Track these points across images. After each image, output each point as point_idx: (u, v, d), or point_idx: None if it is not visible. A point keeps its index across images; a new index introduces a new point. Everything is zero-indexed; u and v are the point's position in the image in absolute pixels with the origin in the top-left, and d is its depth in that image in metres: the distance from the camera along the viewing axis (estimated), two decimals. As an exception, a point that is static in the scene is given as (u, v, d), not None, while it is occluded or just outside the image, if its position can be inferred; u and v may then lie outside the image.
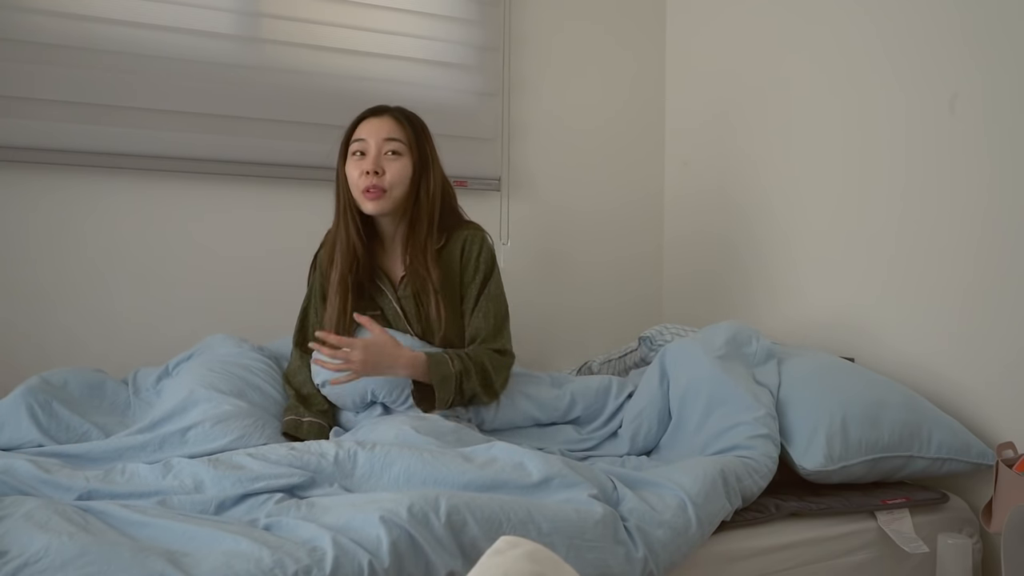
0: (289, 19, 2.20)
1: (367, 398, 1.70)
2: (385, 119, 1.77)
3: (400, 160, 1.74)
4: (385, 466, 1.34)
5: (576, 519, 1.23)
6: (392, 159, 1.74)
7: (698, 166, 2.59)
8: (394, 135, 1.75)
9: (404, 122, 1.77)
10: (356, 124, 1.79)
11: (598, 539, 1.23)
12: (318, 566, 1.06)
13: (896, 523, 1.55)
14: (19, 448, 1.51)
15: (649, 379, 1.79)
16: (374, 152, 1.73)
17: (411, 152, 1.75)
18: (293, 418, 1.68)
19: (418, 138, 1.77)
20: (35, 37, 1.94)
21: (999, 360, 1.71)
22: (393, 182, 1.73)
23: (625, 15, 2.66)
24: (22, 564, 1.02)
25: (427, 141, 1.79)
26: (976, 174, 1.75)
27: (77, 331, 2.01)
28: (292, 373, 1.79)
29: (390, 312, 1.79)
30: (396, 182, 1.73)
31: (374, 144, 1.74)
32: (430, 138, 1.81)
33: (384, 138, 1.74)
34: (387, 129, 1.75)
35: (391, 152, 1.74)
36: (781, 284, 2.26)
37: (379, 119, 1.77)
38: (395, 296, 1.79)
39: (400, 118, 1.78)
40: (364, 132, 1.76)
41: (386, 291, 1.79)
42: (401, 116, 1.78)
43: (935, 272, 1.84)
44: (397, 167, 1.74)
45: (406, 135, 1.75)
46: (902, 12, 1.91)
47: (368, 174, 1.72)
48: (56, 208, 2.00)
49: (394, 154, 1.74)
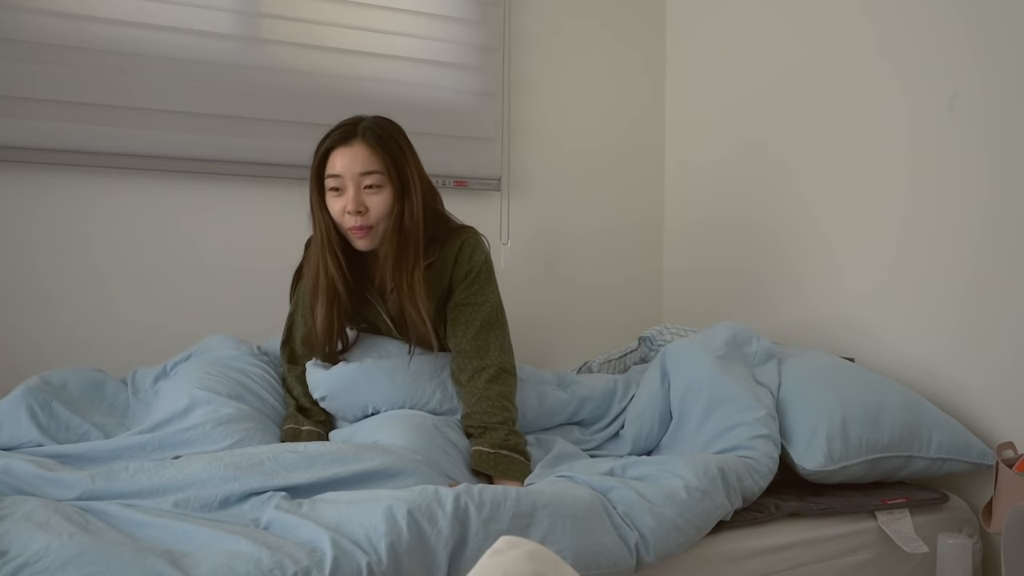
0: (289, 19, 2.20)
1: (367, 411, 1.69)
2: (358, 148, 1.61)
3: (381, 193, 1.62)
4: None
5: (570, 499, 1.27)
6: (372, 193, 1.62)
7: (698, 166, 2.59)
8: (370, 167, 1.61)
9: (377, 147, 1.62)
10: (326, 154, 1.64)
11: (591, 517, 1.26)
12: (317, 567, 1.06)
13: (896, 523, 1.55)
14: (19, 448, 1.50)
15: (650, 380, 1.79)
16: (352, 190, 1.61)
17: (390, 181, 1.63)
18: (292, 427, 1.67)
19: (395, 161, 1.63)
20: (35, 37, 1.94)
21: (999, 360, 1.71)
22: (378, 217, 1.62)
23: (625, 14, 2.66)
24: (22, 564, 1.02)
25: (405, 158, 1.65)
26: (976, 173, 1.75)
27: (77, 331, 2.01)
28: (289, 386, 1.78)
29: (380, 323, 1.77)
30: (380, 217, 1.63)
31: (350, 180, 1.61)
32: (408, 150, 1.67)
33: (359, 172, 1.60)
34: (361, 162, 1.60)
35: (370, 186, 1.61)
36: (781, 284, 2.26)
37: (351, 149, 1.61)
38: (384, 308, 1.74)
39: (373, 143, 1.62)
40: (338, 166, 1.61)
41: (375, 303, 1.75)
42: (373, 140, 1.62)
43: (935, 272, 1.84)
44: (378, 201, 1.62)
45: (383, 163, 1.62)
46: (901, 12, 1.91)
47: (351, 214, 1.61)
48: (56, 208, 2.00)
49: (373, 187, 1.61)
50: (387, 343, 1.76)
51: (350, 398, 1.68)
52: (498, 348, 1.69)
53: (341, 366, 1.70)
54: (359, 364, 1.69)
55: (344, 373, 1.69)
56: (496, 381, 1.64)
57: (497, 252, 2.42)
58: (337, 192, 1.63)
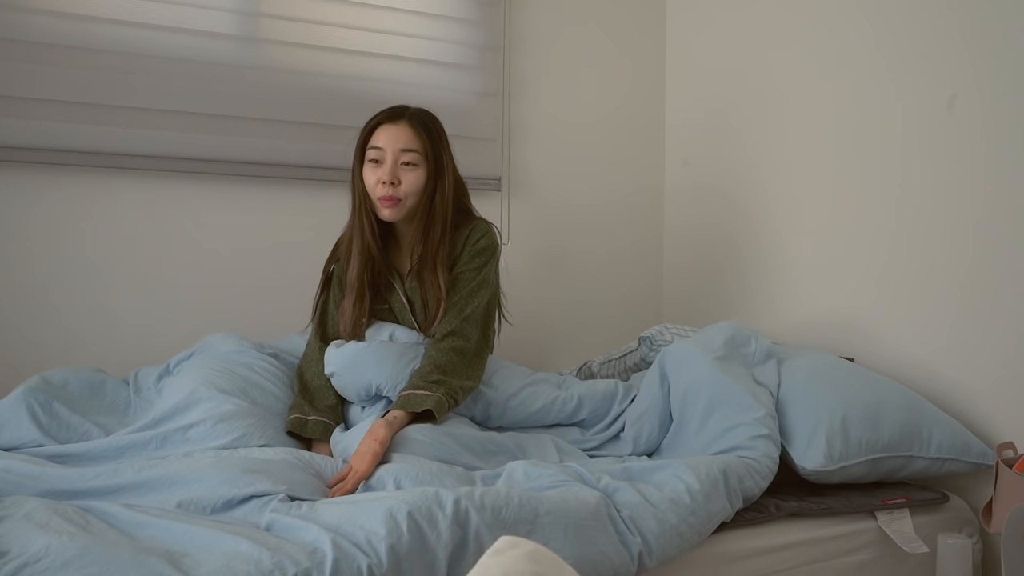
0: (289, 19, 2.20)
1: (371, 391, 1.71)
2: (402, 127, 1.77)
3: (415, 171, 1.76)
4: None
5: (574, 505, 1.26)
6: (408, 170, 1.75)
7: (697, 166, 2.59)
8: (410, 146, 1.75)
9: (421, 130, 1.77)
10: (373, 128, 1.79)
11: (594, 524, 1.25)
12: (318, 569, 1.06)
13: (896, 523, 1.56)
14: (20, 448, 1.51)
15: (649, 382, 1.79)
16: (390, 162, 1.74)
17: (426, 162, 1.77)
18: (298, 416, 1.68)
19: (434, 146, 1.78)
20: (35, 37, 1.94)
21: (999, 360, 1.71)
22: (408, 192, 1.75)
23: (625, 15, 2.66)
24: (22, 564, 1.02)
25: (443, 147, 1.81)
26: (974, 174, 1.75)
27: (77, 331, 2.01)
28: (307, 363, 1.80)
29: (397, 305, 1.82)
30: (411, 192, 1.76)
31: (390, 154, 1.75)
32: (446, 142, 1.83)
33: (400, 148, 1.75)
34: (404, 139, 1.75)
35: (407, 163, 1.75)
36: (781, 284, 2.26)
37: (396, 127, 1.77)
38: (402, 289, 1.82)
39: (417, 126, 1.78)
40: (381, 140, 1.76)
41: (395, 285, 1.83)
42: (418, 123, 1.78)
43: (935, 272, 1.84)
44: (412, 178, 1.76)
45: (422, 145, 1.76)
46: (900, 13, 1.91)
47: (384, 184, 1.74)
48: (56, 208, 2.00)
49: (410, 165, 1.75)
50: (398, 331, 1.80)
51: (354, 376, 1.71)
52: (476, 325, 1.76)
53: (352, 344, 1.75)
54: (368, 344, 1.75)
55: (354, 351, 1.73)
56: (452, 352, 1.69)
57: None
58: (376, 164, 1.76)
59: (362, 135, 1.80)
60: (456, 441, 1.55)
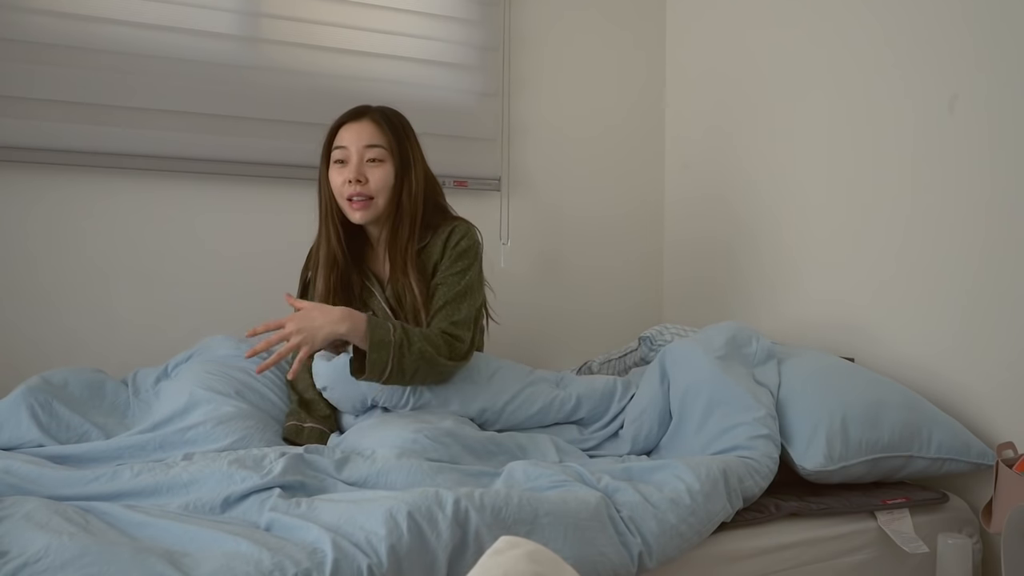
0: (289, 19, 2.20)
1: (367, 403, 1.70)
2: (365, 124, 1.75)
3: (382, 167, 1.74)
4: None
5: (574, 505, 1.26)
6: (374, 166, 1.74)
7: (698, 167, 2.59)
8: (375, 141, 1.74)
9: (384, 125, 1.76)
10: (336, 128, 1.78)
11: (594, 524, 1.25)
12: (318, 569, 1.06)
13: (896, 523, 1.55)
14: (19, 448, 1.50)
15: (649, 380, 1.79)
16: (355, 160, 1.73)
17: (392, 157, 1.75)
18: (294, 423, 1.68)
19: (399, 141, 1.76)
20: (35, 37, 1.94)
21: (1000, 360, 1.71)
22: (377, 189, 1.74)
23: (625, 14, 2.66)
24: (22, 564, 1.02)
25: (408, 142, 1.78)
26: (976, 175, 1.75)
27: (77, 331, 2.01)
28: (296, 379, 1.79)
29: (380, 312, 1.79)
30: (380, 188, 1.74)
31: (355, 151, 1.73)
32: (412, 137, 1.80)
33: (365, 144, 1.73)
34: (367, 135, 1.74)
35: (372, 159, 1.74)
36: (781, 284, 2.26)
37: (359, 124, 1.75)
38: (383, 296, 1.80)
39: (380, 121, 1.76)
40: (345, 139, 1.75)
41: (375, 292, 1.81)
42: (381, 119, 1.77)
43: (935, 272, 1.84)
44: (380, 174, 1.74)
45: (386, 139, 1.75)
46: (901, 14, 1.91)
47: (351, 183, 1.72)
48: (56, 208, 2.00)
49: (376, 161, 1.74)
50: None
51: (347, 389, 1.68)
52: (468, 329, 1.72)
53: (343, 356, 1.71)
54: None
55: (344, 364, 1.69)
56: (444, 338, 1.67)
57: (497, 252, 2.42)
58: (342, 164, 1.75)
59: (327, 138, 1.79)
60: (457, 441, 1.55)
